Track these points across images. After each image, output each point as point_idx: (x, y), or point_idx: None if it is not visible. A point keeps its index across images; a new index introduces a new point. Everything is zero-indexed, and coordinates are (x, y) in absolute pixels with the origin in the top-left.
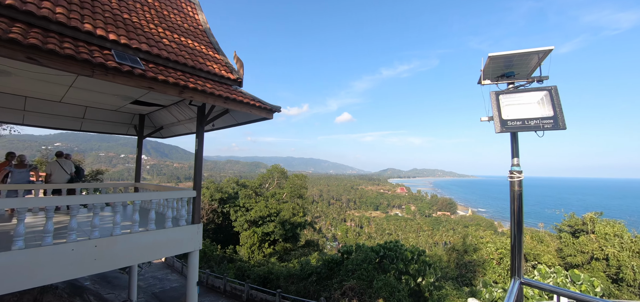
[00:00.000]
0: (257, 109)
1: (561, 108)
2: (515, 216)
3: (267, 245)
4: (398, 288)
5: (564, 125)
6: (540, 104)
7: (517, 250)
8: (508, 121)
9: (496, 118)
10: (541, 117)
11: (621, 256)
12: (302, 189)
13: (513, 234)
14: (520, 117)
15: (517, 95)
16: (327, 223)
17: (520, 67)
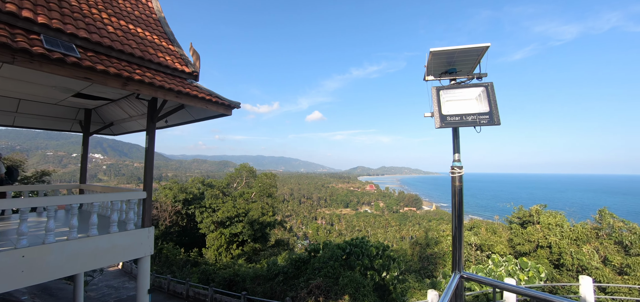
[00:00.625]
0: (213, 104)
1: (496, 104)
2: (456, 210)
3: (235, 246)
4: (363, 284)
5: (498, 121)
6: (478, 100)
7: (457, 244)
8: (447, 117)
9: (436, 114)
10: (478, 112)
11: (561, 244)
12: (272, 188)
13: (454, 228)
14: (459, 112)
15: (457, 91)
16: (298, 222)
17: (461, 64)
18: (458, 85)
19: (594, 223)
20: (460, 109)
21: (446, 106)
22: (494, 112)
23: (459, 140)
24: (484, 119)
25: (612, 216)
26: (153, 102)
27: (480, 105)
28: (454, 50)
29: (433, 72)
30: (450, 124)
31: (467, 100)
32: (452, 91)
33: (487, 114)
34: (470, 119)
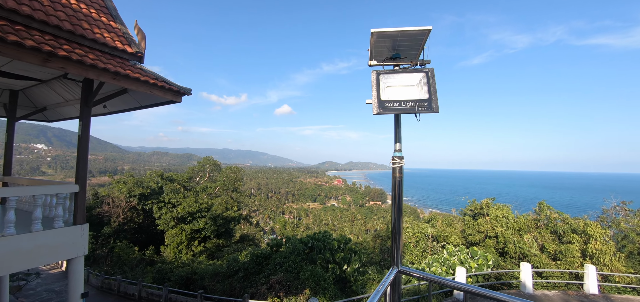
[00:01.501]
0: (159, 89)
1: (435, 91)
2: (396, 203)
3: (196, 243)
4: (324, 277)
5: (436, 108)
6: (419, 87)
7: (396, 238)
8: (386, 103)
9: (374, 99)
10: (418, 99)
11: (506, 234)
12: (237, 182)
13: (393, 220)
14: (399, 98)
15: (398, 77)
16: (265, 216)
17: (406, 49)
18: (399, 70)
19: (534, 215)
20: (399, 95)
21: (386, 92)
22: (433, 99)
23: (400, 129)
24: (423, 106)
25: (549, 208)
26: (87, 83)
27: (420, 92)
28: (396, 32)
29: (376, 57)
30: (388, 111)
31: (407, 86)
32: (392, 76)
33: (426, 101)
34: (409, 105)
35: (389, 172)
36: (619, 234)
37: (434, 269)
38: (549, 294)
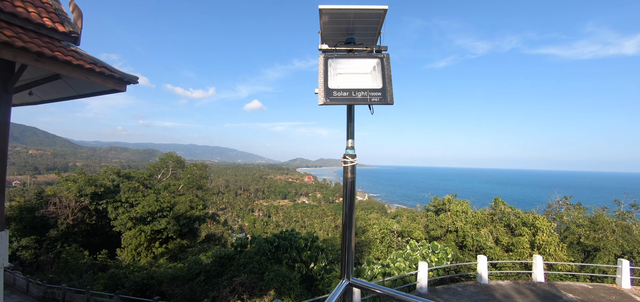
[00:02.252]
0: (97, 75)
1: (391, 80)
2: (347, 206)
3: (157, 244)
4: (290, 277)
5: (391, 100)
6: (372, 75)
7: (347, 245)
8: (334, 92)
9: (321, 87)
10: (370, 89)
11: (465, 228)
12: (203, 179)
13: (344, 227)
14: (349, 87)
15: (349, 62)
16: (233, 214)
17: (361, 33)
18: (350, 54)
19: (490, 209)
20: (351, 84)
21: (335, 80)
22: (387, 89)
23: (353, 123)
24: (376, 96)
25: (503, 203)
26: (6, 65)
27: (374, 80)
28: (348, 11)
29: (328, 41)
30: (337, 101)
31: (359, 74)
32: (343, 62)
33: (380, 92)
34: (360, 95)
35: (358, 169)
36: (562, 226)
37: (398, 264)
38: (502, 284)
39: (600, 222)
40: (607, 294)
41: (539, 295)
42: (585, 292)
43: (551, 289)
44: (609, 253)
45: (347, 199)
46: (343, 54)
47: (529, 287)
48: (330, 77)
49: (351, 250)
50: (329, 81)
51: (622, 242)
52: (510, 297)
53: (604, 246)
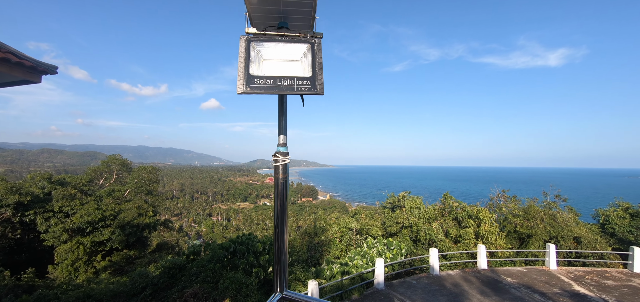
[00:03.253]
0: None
1: (321, 68)
2: (279, 210)
3: (99, 257)
4: (247, 283)
5: (321, 89)
6: (302, 62)
7: (279, 254)
8: (256, 79)
9: (241, 74)
10: (298, 77)
11: (419, 223)
12: (153, 183)
13: (277, 233)
14: (274, 74)
15: (276, 48)
16: (190, 220)
17: (295, 17)
18: (277, 38)
19: (440, 204)
20: (276, 71)
21: (259, 66)
22: (317, 78)
23: (285, 117)
24: (305, 86)
25: (451, 198)
26: None
27: (303, 68)
28: None
29: (257, 25)
30: (259, 89)
31: (288, 61)
32: (268, 46)
33: (309, 80)
34: (286, 84)
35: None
36: (501, 217)
37: (356, 262)
38: (451, 273)
39: (532, 211)
40: (538, 276)
41: (482, 281)
42: (521, 275)
43: (493, 275)
44: (539, 239)
45: (278, 201)
46: (268, 38)
47: (475, 275)
48: (252, 63)
49: (284, 258)
50: (250, 67)
51: (549, 228)
52: (459, 285)
53: (535, 232)
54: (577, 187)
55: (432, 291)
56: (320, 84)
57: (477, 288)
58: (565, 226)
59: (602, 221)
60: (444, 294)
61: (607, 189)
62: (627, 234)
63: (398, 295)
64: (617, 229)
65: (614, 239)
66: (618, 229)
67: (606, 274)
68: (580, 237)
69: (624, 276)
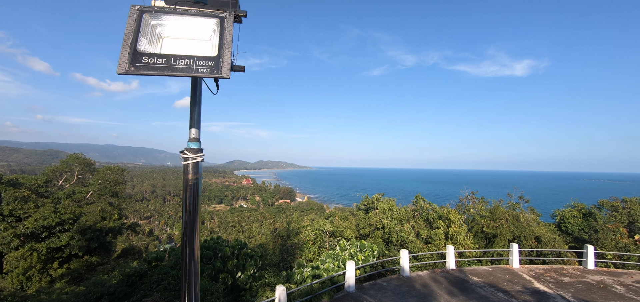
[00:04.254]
0: None
1: (230, 48)
2: (188, 218)
3: (56, 265)
4: (212, 290)
5: (227, 72)
6: (211, 40)
7: (187, 268)
8: (144, 57)
9: (125, 50)
10: (199, 56)
11: (391, 225)
12: (119, 184)
13: (184, 242)
14: (168, 52)
15: (175, 20)
16: (161, 223)
17: None
18: (179, 11)
19: (412, 206)
20: (173, 48)
21: (153, 43)
22: (223, 58)
23: (199, 107)
24: (206, 67)
25: (423, 199)
26: None
27: (210, 46)
28: None
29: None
30: (146, 70)
31: (192, 40)
32: (168, 19)
33: (212, 61)
34: (182, 64)
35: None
36: (469, 218)
37: (327, 265)
38: (421, 274)
39: (498, 212)
40: (502, 274)
41: (451, 281)
42: (487, 274)
43: (461, 275)
44: (504, 239)
45: (187, 207)
46: (167, 11)
47: (443, 275)
48: (142, 39)
49: (193, 272)
50: (139, 43)
51: (513, 228)
52: (428, 285)
53: (500, 232)
54: (538, 189)
55: (401, 293)
56: (226, 65)
57: (445, 288)
58: (527, 226)
59: (559, 221)
60: (413, 295)
61: (565, 191)
62: (581, 232)
63: (368, 298)
64: (572, 228)
65: (570, 237)
66: (573, 228)
67: (563, 271)
68: (540, 236)
69: (579, 272)
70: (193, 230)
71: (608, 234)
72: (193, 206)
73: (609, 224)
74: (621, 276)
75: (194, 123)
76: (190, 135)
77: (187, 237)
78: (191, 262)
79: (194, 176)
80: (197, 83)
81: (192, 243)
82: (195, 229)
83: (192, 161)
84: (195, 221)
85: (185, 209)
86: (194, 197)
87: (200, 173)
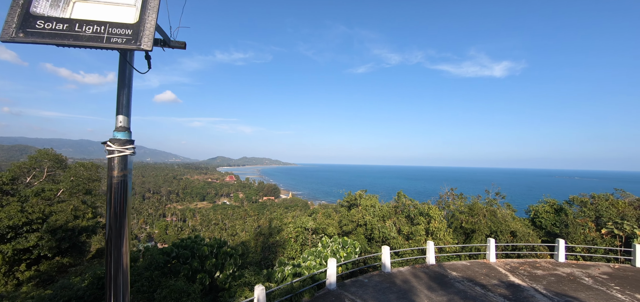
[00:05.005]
0: None
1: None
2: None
3: (23, 267)
4: (188, 291)
5: (148, 44)
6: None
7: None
8: (40, 21)
9: (14, 11)
10: (115, 23)
11: (373, 221)
12: (93, 182)
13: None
14: (73, 17)
15: None
16: (140, 221)
17: None
18: None
19: (394, 203)
20: (80, 12)
21: (57, 5)
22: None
23: (128, 90)
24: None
25: (404, 196)
26: None
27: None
28: None
29: None
30: (38, 38)
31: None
32: None
33: (131, 29)
34: (90, 31)
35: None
36: (449, 214)
37: (309, 263)
38: (402, 270)
39: (476, 208)
40: (480, 269)
41: (430, 276)
42: (465, 269)
43: (440, 270)
44: (482, 234)
45: (112, 208)
46: None
47: (423, 271)
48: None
49: (120, 285)
50: (35, 3)
51: (490, 224)
52: (408, 281)
53: (478, 228)
54: (514, 185)
55: (382, 289)
56: (149, 35)
57: (425, 284)
58: (503, 221)
59: (532, 216)
60: (393, 291)
61: (538, 187)
62: (553, 227)
63: (349, 295)
64: (545, 223)
65: (543, 231)
66: (545, 223)
67: (536, 265)
68: (516, 231)
69: (550, 265)
70: (120, 235)
71: (577, 229)
72: (120, 207)
73: (579, 219)
74: (589, 268)
75: (122, 109)
76: (116, 123)
77: (112, 243)
78: (118, 274)
79: (121, 172)
80: (126, 61)
81: (119, 251)
82: (122, 234)
83: (118, 154)
84: (123, 225)
85: (110, 211)
86: (121, 197)
87: (129, 168)
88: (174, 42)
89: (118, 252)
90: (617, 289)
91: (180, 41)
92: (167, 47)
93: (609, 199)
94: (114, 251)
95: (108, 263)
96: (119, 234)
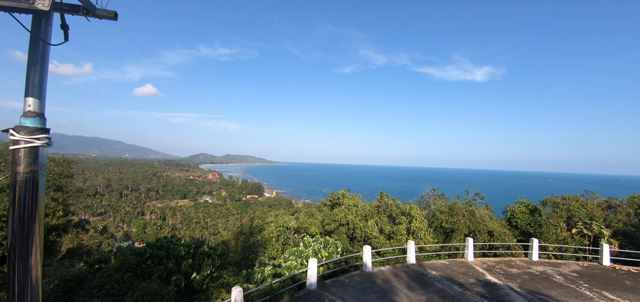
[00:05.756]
0: None
1: None
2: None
3: None
4: (162, 293)
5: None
6: None
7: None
8: None
9: None
10: None
11: (355, 221)
12: (65, 178)
13: (12, 261)
14: None
15: None
16: (117, 219)
17: None
18: None
19: (377, 202)
20: None
21: None
22: None
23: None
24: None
25: (387, 196)
26: None
27: None
28: None
29: None
30: None
31: None
32: None
33: None
34: None
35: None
36: (430, 214)
37: (289, 263)
38: (383, 269)
39: (455, 208)
40: (458, 267)
41: (410, 276)
42: (444, 268)
43: (420, 269)
44: (461, 233)
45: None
46: None
47: (404, 270)
48: None
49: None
50: None
51: (469, 223)
52: (389, 281)
53: (457, 227)
54: (492, 186)
55: (363, 289)
56: None
57: (405, 283)
58: (481, 221)
59: (509, 216)
60: (374, 291)
61: (515, 188)
62: (528, 227)
63: (330, 295)
64: (520, 223)
65: (518, 231)
66: (521, 223)
67: (512, 263)
68: (493, 231)
69: (525, 264)
70: (27, 244)
71: (550, 228)
72: (27, 210)
73: (551, 219)
74: (560, 267)
75: (33, 90)
76: (25, 108)
77: (15, 254)
78: (24, 291)
79: (29, 167)
80: (39, 35)
81: (25, 263)
82: (31, 243)
83: (25, 145)
84: (31, 232)
85: (13, 214)
86: (29, 198)
87: (40, 163)
88: (101, 11)
89: (24, 265)
90: (585, 287)
91: (110, 11)
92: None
93: (580, 200)
94: (18, 264)
95: (9, 279)
96: (25, 243)
